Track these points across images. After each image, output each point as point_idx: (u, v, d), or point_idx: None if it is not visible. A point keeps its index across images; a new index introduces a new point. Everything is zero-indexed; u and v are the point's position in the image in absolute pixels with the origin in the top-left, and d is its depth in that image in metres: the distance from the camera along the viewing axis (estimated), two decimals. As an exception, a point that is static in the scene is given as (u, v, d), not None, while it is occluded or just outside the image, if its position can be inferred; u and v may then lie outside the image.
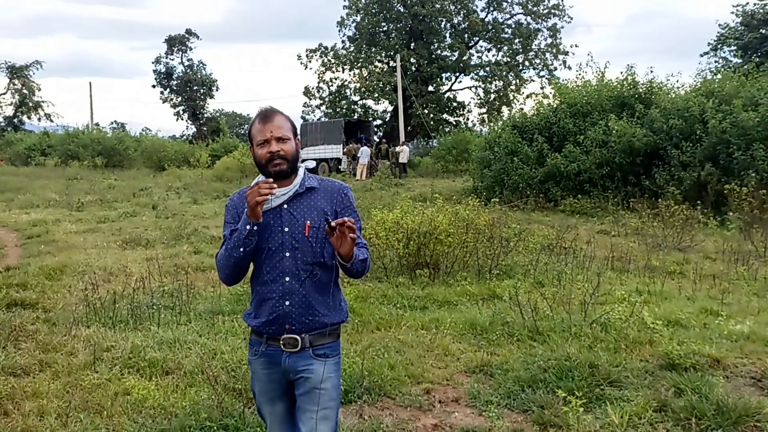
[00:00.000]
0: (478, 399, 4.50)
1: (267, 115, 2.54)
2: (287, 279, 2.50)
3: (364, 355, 5.10)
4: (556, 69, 44.44)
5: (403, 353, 5.33)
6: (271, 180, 2.40)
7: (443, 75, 46.40)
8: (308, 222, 2.48)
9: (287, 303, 2.51)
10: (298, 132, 2.74)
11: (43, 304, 7.00)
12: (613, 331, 5.57)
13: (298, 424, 2.57)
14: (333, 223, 2.35)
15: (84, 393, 4.46)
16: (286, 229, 2.51)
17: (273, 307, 2.52)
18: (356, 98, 47.78)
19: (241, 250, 2.45)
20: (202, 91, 55.51)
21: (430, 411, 4.38)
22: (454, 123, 46.53)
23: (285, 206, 2.53)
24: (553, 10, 43.95)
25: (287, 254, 2.50)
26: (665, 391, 4.45)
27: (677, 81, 23.93)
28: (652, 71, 18.94)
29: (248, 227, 2.42)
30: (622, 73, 19.02)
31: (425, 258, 8.42)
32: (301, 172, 2.59)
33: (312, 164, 2.76)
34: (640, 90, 18.27)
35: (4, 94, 58.77)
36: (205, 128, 53.45)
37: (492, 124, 28.40)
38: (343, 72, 46.57)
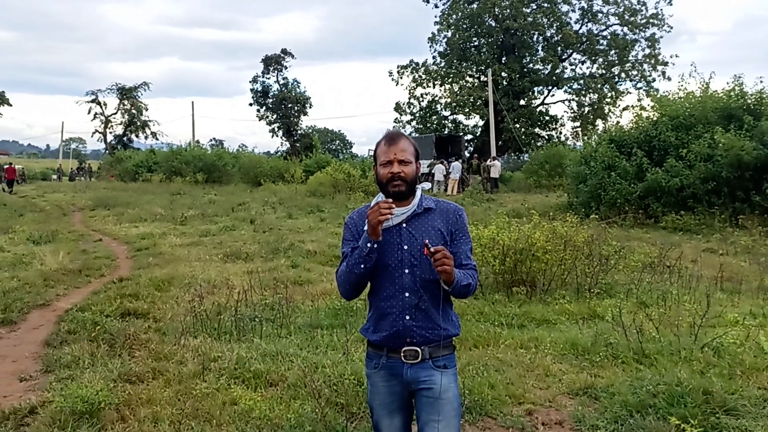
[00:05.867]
0: (583, 423, 4.37)
1: (393, 137, 2.67)
2: (407, 294, 2.59)
3: (463, 373, 5.06)
4: (654, 80, 43.08)
5: (503, 372, 5.25)
6: (390, 200, 2.50)
7: (535, 88, 45.85)
8: (426, 240, 2.54)
9: (407, 317, 2.59)
10: None
11: (154, 314, 7.37)
12: (726, 356, 5.29)
13: None
14: (432, 249, 2.44)
15: (194, 401, 4.64)
16: (405, 247, 2.61)
17: (393, 322, 2.61)
18: (447, 113, 47.98)
19: (362, 266, 2.56)
20: (296, 108, 56.96)
21: (533, 433, 4.29)
22: (547, 137, 45.78)
23: (404, 225, 2.63)
24: (651, 20, 42.59)
25: (406, 271, 2.60)
26: (788, 422, 4.17)
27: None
28: (761, 81, 17.93)
29: (369, 245, 2.52)
30: (728, 83, 18.17)
31: (522, 275, 8.28)
32: (418, 193, 2.69)
33: (427, 186, 2.82)
34: (749, 101, 17.36)
35: (115, 114, 62.95)
36: (298, 144, 54.76)
37: (587, 138, 27.65)
38: (433, 87, 46.92)
